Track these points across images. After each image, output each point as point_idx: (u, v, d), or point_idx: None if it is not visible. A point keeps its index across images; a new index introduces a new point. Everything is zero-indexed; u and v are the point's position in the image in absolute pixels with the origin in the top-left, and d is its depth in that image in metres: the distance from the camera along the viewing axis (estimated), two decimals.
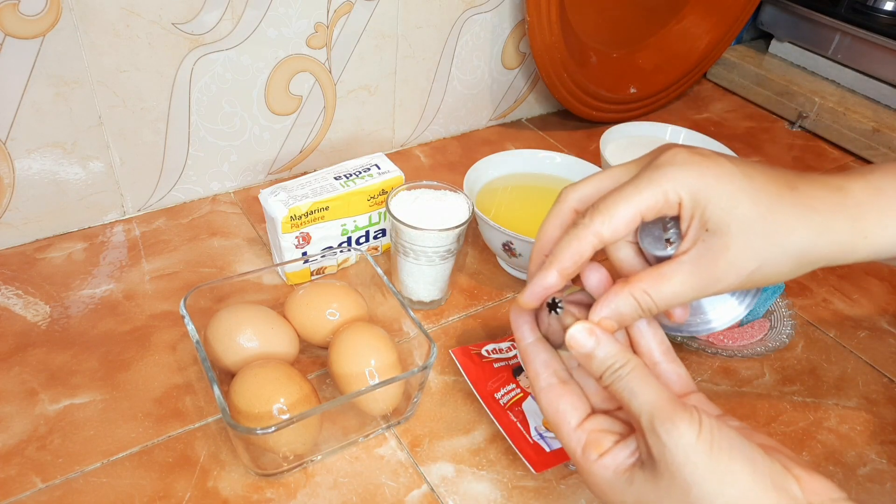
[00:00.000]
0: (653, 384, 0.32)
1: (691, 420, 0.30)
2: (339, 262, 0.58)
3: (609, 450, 0.33)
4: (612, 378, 0.32)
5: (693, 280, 0.32)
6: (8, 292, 0.54)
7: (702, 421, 0.30)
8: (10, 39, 0.50)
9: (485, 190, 0.62)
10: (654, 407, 0.31)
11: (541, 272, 0.34)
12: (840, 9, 0.87)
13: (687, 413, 0.30)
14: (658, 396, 0.31)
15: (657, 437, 0.30)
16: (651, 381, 0.32)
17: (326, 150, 0.72)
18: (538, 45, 0.72)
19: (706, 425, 0.30)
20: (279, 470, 0.43)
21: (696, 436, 0.30)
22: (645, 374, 0.32)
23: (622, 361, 0.32)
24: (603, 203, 0.33)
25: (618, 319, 0.33)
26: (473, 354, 0.50)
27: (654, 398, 0.31)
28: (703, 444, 0.30)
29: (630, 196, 0.33)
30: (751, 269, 0.32)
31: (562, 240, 0.34)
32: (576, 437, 0.34)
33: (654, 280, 0.33)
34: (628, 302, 0.33)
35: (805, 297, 0.62)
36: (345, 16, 0.64)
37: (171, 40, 0.56)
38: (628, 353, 0.33)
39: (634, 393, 0.31)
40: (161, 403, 0.47)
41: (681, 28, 0.88)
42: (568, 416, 0.34)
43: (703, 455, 0.30)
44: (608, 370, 0.32)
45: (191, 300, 0.46)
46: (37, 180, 0.57)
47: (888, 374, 0.55)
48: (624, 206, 0.33)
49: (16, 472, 0.42)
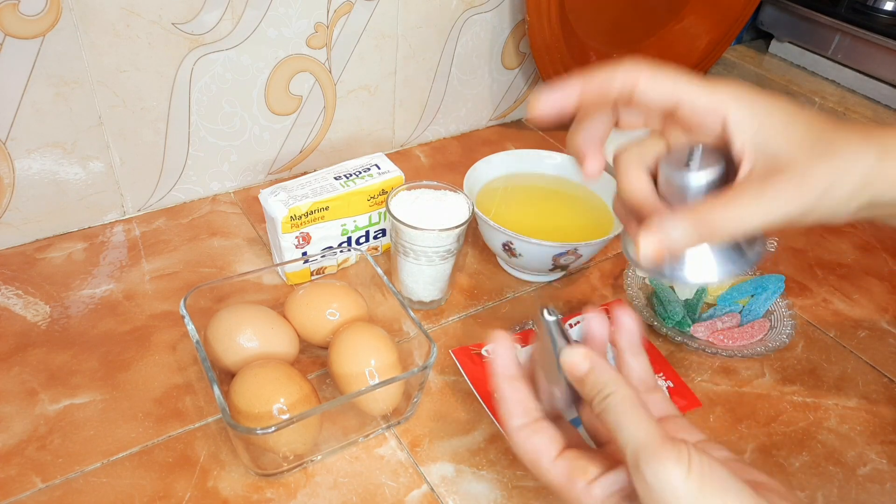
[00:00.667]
0: (641, 417, 0.30)
1: (679, 458, 0.28)
2: (339, 262, 0.58)
3: (597, 478, 0.31)
4: (602, 406, 0.31)
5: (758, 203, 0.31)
6: (8, 292, 0.54)
7: (691, 458, 0.29)
8: (10, 39, 0.50)
9: (485, 190, 0.62)
10: (640, 443, 0.29)
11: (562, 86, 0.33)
12: (840, 9, 0.87)
13: (675, 451, 0.29)
14: (645, 432, 0.29)
15: (641, 477, 0.29)
16: (640, 413, 0.30)
17: (326, 150, 0.72)
18: (538, 45, 0.72)
19: (696, 463, 0.29)
20: (279, 470, 0.43)
21: (686, 475, 0.28)
22: (633, 404, 0.31)
23: (612, 389, 0.31)
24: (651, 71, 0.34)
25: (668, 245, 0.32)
26: (473, 354, 0.50)
27: (640, 433, 0.29)
28: (693, 483, 0.28)
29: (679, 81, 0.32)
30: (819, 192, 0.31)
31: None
32: (558, 467, 0.32)
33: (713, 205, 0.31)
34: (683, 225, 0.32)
35: (805, 297, 0.62)
36: (345, 16, 0.64)
37: (171, 40, 0.56)
38: (620, 381, 0.32)
39: (621, 425, 0.30)
40: (161, 403, 0.47)
41: (681, 28, 0.88)
42: (545, 448, 0.33)
43: (692, 496, 0.28)
44: (598, 395, 0.32)
45: (191, 300, 0.46)
46: (37, 180, 0.57)
47: (888, 374, 0.55)
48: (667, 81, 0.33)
49: (16, 472, 0.42)
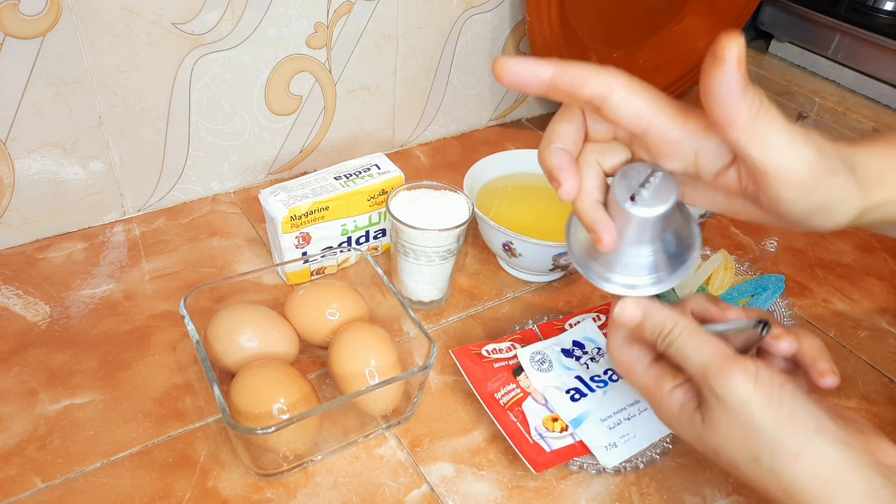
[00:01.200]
0: (704, 341, 0.32)
1: (746, 372, 0.31)
2: (339, 262, 0.58)
3: (681, 384, 0.34)
4: (665, 343, 0.34)
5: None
6: (8, 292, 0.54)
7: (759, 373, 0.31)
8: (10, 39, 0.50)
9: (485, 190, 0.62)
10: (707, 363, 0.32)
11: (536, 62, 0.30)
12: (840, 9, 0.87)
13: (741, 366, 0.31)
14: (709, 353, 0.32)
15: (712, 392, 0.31)
16: (701, 338, 0.33)
17: (326, 150, 0.72)
18: (538, 45, 0.72)
19: (765, 378, 0.31)
20: (279, 470, 0.43)
21: (753, 387, 0.30)
22: (694, 333, 0.33)
23: (670, 325, 0.34)
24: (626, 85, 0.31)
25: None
26: (473, 354, 0.50)
27: (705, 355, 0.32)
28: (760, 395, 0.30)
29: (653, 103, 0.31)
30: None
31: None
32: (648, 373, 0.36)
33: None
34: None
35: (805, 297, 0.62)
36: (345, 16, 0.64)
37: (171, 40, 0.56)
38: (676, 317, 0.34)
39: (687, 355, 0.33)
40: (161, 403, 0.47)
41: (681, 28, 0.88)
42: (640, 358, 0.37)
43: (759, 406, 0.30)
44: (660, 336, 0.34)
45: (191, 300, 0.46)
46: (37, 180, 0.57)
47: (888, 374, 0.55)
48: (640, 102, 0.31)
49: (16, 472, 0.42)
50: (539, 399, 0.47)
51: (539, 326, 0.53)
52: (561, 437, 0.45)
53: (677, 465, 0.46)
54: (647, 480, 0.45)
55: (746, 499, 0.44)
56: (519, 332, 0.53)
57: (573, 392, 0.47)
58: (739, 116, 0.28)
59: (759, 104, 0.28)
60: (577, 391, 0.47)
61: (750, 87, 0.28)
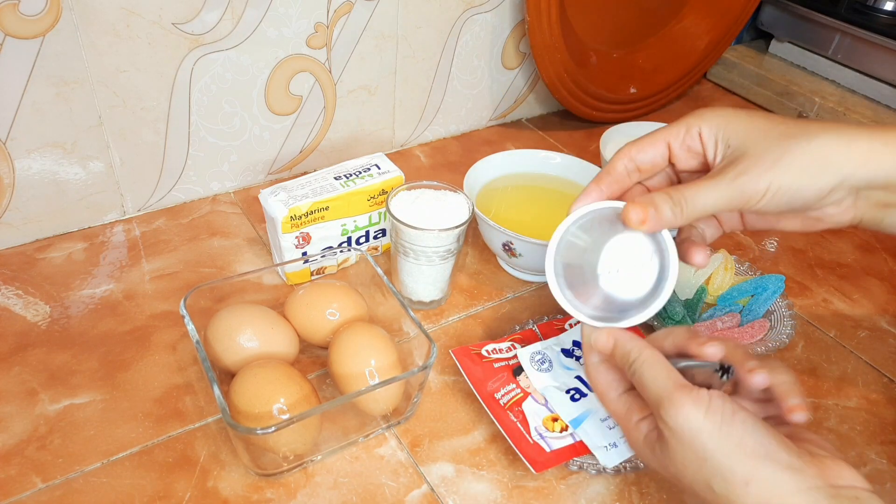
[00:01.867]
0: (661, 371, 0.34)
1: (697, 402, 0.32)
2: (339, 262, 0.58)
3: (645, 416, 0.36)
4: (630, 371, 0.35)
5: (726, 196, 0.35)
6: (8, 292, 0.54)
7: (710, 402, 0.32)
8: (10, 39, 0.50)
9: (485, 190, 0.62)
10: (660, 393, 0.33)
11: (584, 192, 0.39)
12: (840, 9, 0.87)
13: (693, 395, 0.32)
14: (664, 383, 0.33)
15: (663, 421, 0.33)
16: (659, 368, 0.34)
17: (326, 150, 0.72)
18: (538, 45, 0.72)
19: (716, 406, 0.32)
20: (279, 470, 0.43)
21: (703, 416, 0.31)
22: (654, 363, 0.34)
23: (635, 355, 0.35)
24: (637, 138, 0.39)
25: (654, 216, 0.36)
26: (473, 354, 0.50)
27: (661, 385, 0.33)
28: (711, 423, 0.31)
29: (658, 130, 0.38)
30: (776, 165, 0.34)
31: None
32: (620, 402, 0.37)
33: (694, 190, 0.35)
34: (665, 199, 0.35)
35: (805, 297, 0.62)
36: (345, 16, 0.64)
37: (171, 40, 0.56)
38: (642, 348, 0.35)
39: (644, 384, 0.34)
40: (161, 403, 0.47)
41: (681, 28, 0.88)
42: (614, 385, 0.38)
43: (709, 435, 0.31)
44: (626, 364, 0.36)
45: (191, 300, 0.46)
46: (37, 180, 0.57)
47: (888, 374, 0.55)
48: (651, 135, 0.38)
49: (16, 472, 0.42)
50: (539, 399, 0.47)
51: (539, 326, 0.53)
52: (561, 437, 0.45)
53: None
54: (647, 480, 0.45)
55: None
56: (519, 332, 0.53)
57: (573, 392, 0.47)
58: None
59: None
60: (577, 391, 0.47)
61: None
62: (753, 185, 0.34)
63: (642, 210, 0.36)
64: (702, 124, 0.37)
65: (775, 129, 0.35)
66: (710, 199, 0.35)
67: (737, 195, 0.34)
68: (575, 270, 0.39)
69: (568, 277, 0.40)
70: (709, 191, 0.35)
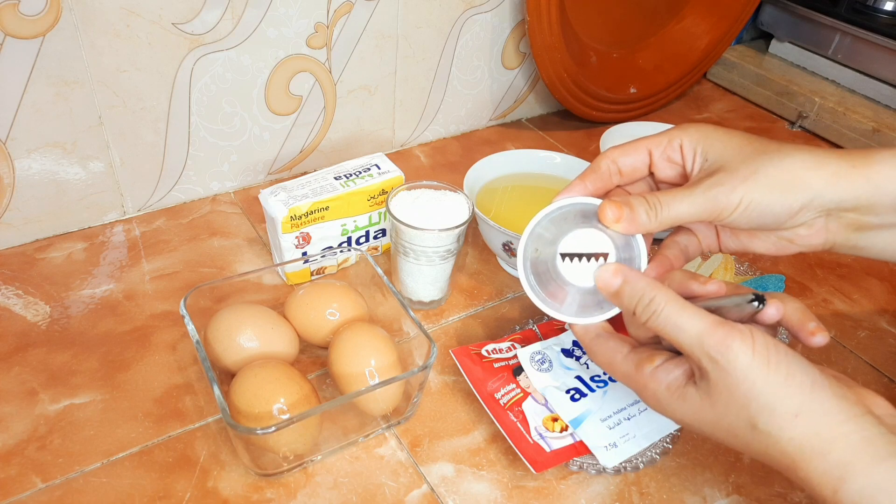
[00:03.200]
0: (695, 312, 0.33)
1: (743, 339, 0.31)
2: (339, 262, 0.58)
3: (661, 364, 0.35)
4: (647, 313, 0.34)
5: (698, 205, 0.36)
6: (8, 292, 0.54)
7: (755, 338, 0.31)
8: (10, 39, 0.50)
9: (485, 190, 0.62)
10: (702, 334, 0.32)
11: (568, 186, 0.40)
12: (840, 9, 0.87)
13: (738, 332, 0.32)
14: (704, 323, 0.32)
15: (713, 361, 0.32)
16: (691, 309, 0.33)
17: (326, 150, 0.72)
18: (538, 45, 0.72)
19: (760, 342, 0.31)
20: (279, 470, 0.43)
21: (752, 353, 0.31)
22: (684, 305, 0.33)
23: (651, 294, 0.34)
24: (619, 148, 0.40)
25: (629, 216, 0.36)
26: (473, 354, 0.50)
27: (700, 326, 0.32)
28: (759, 360, 0.31)
29: (642, 138, 0.39)
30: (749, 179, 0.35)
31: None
32: (628, 360, 0.36)
33: (670, 196, 0.36)
34: (641, 201, 0.36)
35: (805, 297, 0.62)
36: (345, 16, 0.64)
37: (171, 40, 0.56)
38: (657, 287, 0.34)
39: (679, 326, 0.33)
40: (161, 403, 0.47)
41: (681, 28, 0.88)
42: (618, 347, 0.37)
43: (759, 371, 0.31)
44: (639, 304, 0.35)
45: (191, 300, 0.46)
46: (37, 180, 0.57)
47: (888, 374, 0.55)
48: (635, 142, 0.39)
49: (16, 472, 0.42)
50: (539, 399, 0.47)
51: (539, 326, 0.53)
52: (561, 437, 0.45)
53: (677, 465, 0.46)
54: (647, 480, 0.45)
55: (746, 499, 0.44)
56: (519, 332, 0.53)
57: (573, 392, 0.47)
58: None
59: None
60: (577, 391, 0.47)
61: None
62: (726, 198, 0.35)
63: (618, 208, 0.36)
64: (684, 137, 0.38)
65: (750, 147, 0.36)
66: (683, 208, 0.36)
67: (710, 206, 0.35)
68: (541, 261, 0.40)
69: (535, 267, 0.40)
70: (684, 199, 0.36)
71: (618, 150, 0.40)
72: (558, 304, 0.39)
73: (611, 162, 0.39)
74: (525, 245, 0.40)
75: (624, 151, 0.40)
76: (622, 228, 0.37)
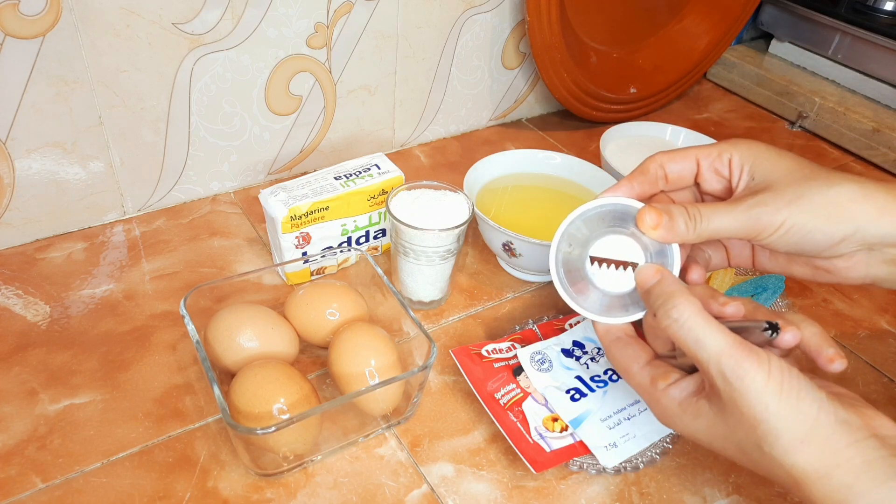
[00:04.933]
0: (716, 330, 0.33)
1: (760, 363, 0.32)
2: (339, 262, 0.58)
3: (676, 382, 0.36)
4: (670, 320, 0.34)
5: (739, 222, 0.36)
6: (8, 292, 0.54)
7: (770, 362, 0.32)
8: (10, 39, 0.50)
9: (485, 190, 0.62)
10: (721, 352, 0.32)
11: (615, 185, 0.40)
12: (840, 9, 0.87)
13: (755, 356, 0.32)
14: (724, 342, 0.32)
15: (728, 382, 0.32)
16: (713, 325, 0.33)
17: (326, 150, 0.72)
18: (538, 45, 0.72)
19: (775, 367, 0.32)
20: (279, 470, 0.43)
21: (766, 378, 0.31)
22: (708, 320, 0.33)
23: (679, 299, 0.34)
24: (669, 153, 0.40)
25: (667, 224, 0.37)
26: (473, 354, 0.50)
27: (720, 344, 0.32)
28: (773, 385, 0.31)
29: (692, 147, 0.40)
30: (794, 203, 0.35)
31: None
32: (644, 372, 0.37)
33: (711, 209, 0.36)
34: (681, 211, 0.37)
35: (805, 297, 0.62)
36: (345, 16, 0.64)
37: (171, 40, 0.56)
38: (687, 294, 0.35)
39: (700, 341, 0.33)
40: (161, 403, 0.47)
41: (681, 28, 0.88)
42: (636, 356, 0.38)
43: (773, 396, 0.31)
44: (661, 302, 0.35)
45: (191, 300, 0.46)
46: (37, 180, 0.57)
47: (888, 374, 0.55)
48: (684, 149, 0.40)
49: (16, 472, 0.42)
50: (539, 399, 0.47)
51: (539, 326, 0.53)
52: (561, 437, 0.45)
53: (677, 465, 0.46)
54: (647, 480, 0.45)
55: (746, 499, 0.44)
56: (519, 332, 0.53)
57: (573, 392, 0.47)
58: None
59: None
60: (577, 391, 0.47)
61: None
62: (769, 218, 0.35)
63: (658, 215, 0.37)
64: (734, 151, 0.38)
65: (800, 171, 0.36)
66: (724, 222, 0.36)
67: (751, 224, 0.36)
68: (571, 259, 0.41)
69: (566, 264, 0.41)
70: (725, 213, 0.36)
71: (666, 155, 0.40)
72: (584, 301, 0.40)
73: (658, 166, 0.40)
74: (558, 242, 0.40)
75: (672, 157, 0.40)
76: (659, 236, 0.37)
